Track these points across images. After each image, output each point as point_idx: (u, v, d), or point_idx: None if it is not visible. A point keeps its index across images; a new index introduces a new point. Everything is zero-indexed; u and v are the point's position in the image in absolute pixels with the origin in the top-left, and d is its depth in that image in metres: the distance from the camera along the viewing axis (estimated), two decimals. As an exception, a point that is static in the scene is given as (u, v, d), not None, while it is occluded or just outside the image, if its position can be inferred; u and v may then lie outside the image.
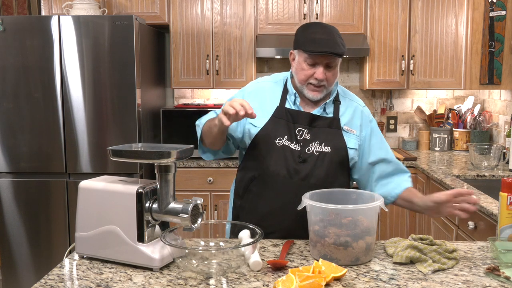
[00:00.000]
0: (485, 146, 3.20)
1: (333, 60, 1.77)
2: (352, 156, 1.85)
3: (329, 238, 1.49)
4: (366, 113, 1.92)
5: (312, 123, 1.83)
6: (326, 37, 1.76)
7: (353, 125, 1.87)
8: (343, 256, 1.49)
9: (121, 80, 3.23)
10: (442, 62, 3.65)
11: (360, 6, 3.69)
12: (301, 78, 1.81)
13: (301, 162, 1.79)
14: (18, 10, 4.37)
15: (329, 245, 1.49)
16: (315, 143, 1.81)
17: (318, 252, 1.53)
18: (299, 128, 1.82)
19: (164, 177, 1.50)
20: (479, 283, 1.37)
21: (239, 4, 3.71)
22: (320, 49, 1.73)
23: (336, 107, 1.87)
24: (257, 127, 1.84)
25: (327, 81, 1.79)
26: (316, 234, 1.53)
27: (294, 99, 1.85)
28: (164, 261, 1.48)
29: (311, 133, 1.82)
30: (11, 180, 3.34)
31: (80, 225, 1.57)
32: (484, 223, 2.34)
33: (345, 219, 1.49)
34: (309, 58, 1.77)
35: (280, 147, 1.80)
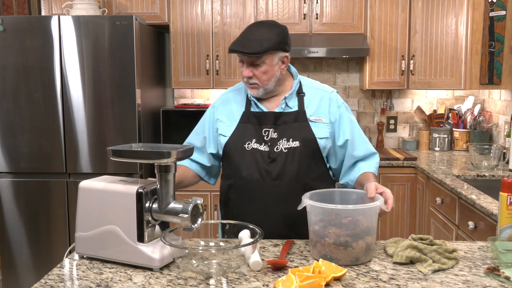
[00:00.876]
0: (485, 146, 3.20)
1: (255, 58, 1.76)
2: (323, 146, 1.84)
3: (329, 238, 1.49)
4: (334, 99, 1.90)
5: (277, 121, 1.83)
6: (244, 36, 1.78)
7: (320, 113, 1.86)
8: (343, 256, 1.49)
9: (121, 80, 3.23)
10: (442, 62, 3.65)
11: (360, 6, 3.69)
12: (242, 78, 1.85)
13: (271, 162, 1.80)
14: (18, 10, 4.37)
15: (329, 245, 1.49)
16: (283, 141, 1.81)
17: (318, 252, 1.53)
18: (265, 128, 1.82)
19: (164, 177, 1.50)
20: (479, 283, 1.37)
21: (239, 4, 3.71)
22: (234, 47, 1.76)
23: (300, 99, 1.86)
24: (226, 136, 1.86)
25: (257, 79, 1.79)
26: (316, 234, 1.53)
27: (254, 102, 1.86)
28: (164, 261, 1.48)
29: (277, 131, 1.82)
30: (11, 180, 3.34)
31: (80, 225, 1.57)
32: (484, 223, 2.34)
33: (345, 219, 1.49)
34: (238, 57, 1.81)
35: (250, 151, 1.81)
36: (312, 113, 1.85)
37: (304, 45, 3.63)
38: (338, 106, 1.89)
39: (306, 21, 3.71)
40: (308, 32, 3.73)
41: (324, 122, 1.85)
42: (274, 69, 1.80)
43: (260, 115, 1.84)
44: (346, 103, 4.25)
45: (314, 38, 3.71)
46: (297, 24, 3.72)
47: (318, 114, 1.85)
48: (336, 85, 4.14)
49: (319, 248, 1.52)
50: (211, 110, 1.96)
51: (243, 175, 1.82)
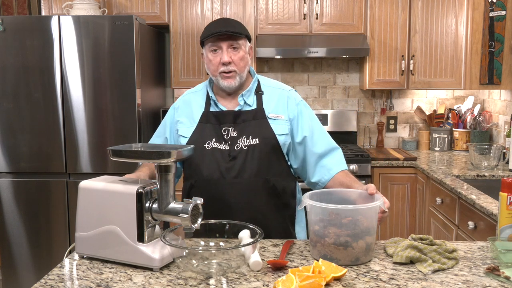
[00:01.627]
0: (485, 146, 3.20)
1: (234, 41, 1.80)
2: (283, 142, 1.85)
3: (329, 238, 1.49)
4: (293, 97, 1.92)
5: (236, 119, 1.84)
6: (220, 22, 1.84)
7: (279, 111, 1.88)
8: (343, 256, 1.49)
9: (121, 80, 3.23)
10: (442, 62, 3.65)
11: (360, 6, 3.70)
12: (212, 69, 1.85)
13: (231, 160, 1.80)
14: (18, 10, 4.37)
15: (329, 245, 1.49)
16: (242, 138, 1.82)
17: (318, 252, 1.53)
18: (225, 127, 1.84)
19: (164, 177, 1.50)
20: (479, 283, 1.37)
21: (239, 4, 3.71)
22: (215, 30, 1.79)
23: (258, 97, 1.88)
24: (186, 137, 1.87)
25: (235, 65, 1.81)
26: (316, 234, 1.53)
27: (214, 102, 1.88)
28: (164, 261, 1.48)
29: (237, 130, 1.83)
30: (11, 180, 3.34)
31: (80, 225, 1.57)
32: (484, 223, 2.34)
33: (345, 219, 1.49)
34: (212, 46, 1.82)
35: (210, 151, 1.82)
36: (271, 110, 1.87)
37: (304, 45, 3.64)
38: (296, 104, 1.91)
39: (306, 21, 3.71)
40: (308, 32, 3.73)
41: (283, 119, 1.87)
42: (247, 57, 1.87)
43: (219, 114, 1.86)
44: (346, 103, 4.29)
45: (314, 38, 3.71)
46: (297, 24, 3.72)
47: (276, 111, 1.88)
48: (336, 85, 4.14)
49: (319, 248, 1.52)
50: (172, 112, 1.98)
51: (204, 174, 1.82)
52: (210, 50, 1.83)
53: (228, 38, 1.80)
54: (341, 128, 4.02)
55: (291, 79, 4.08)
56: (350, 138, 4.05)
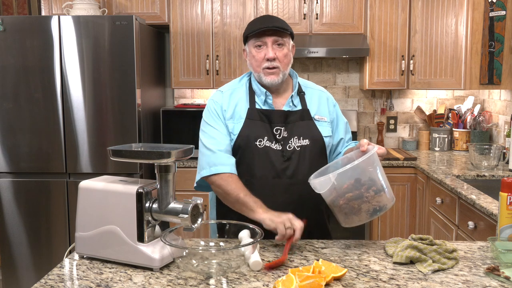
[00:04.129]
0: (485, 146, 3.20)
1: (279, 37, 1.80)
2: (328, 144, 1.88)
3: (367, 192, 1.56)
4: (330, 99, 1.97)
5: (286, 119, 1.84)
6: (266, 18, 1.83)
7: (322, 112, 1.90)
8: (388, 200, 1.59)
9: (121, 80, 3.23)
10: (442, 62, 3.65)
11: (360, 6, 3.70)
12: (255, 65, 1.83)
13: (286, 160, 1.80)
14: (18, 10, 4.37)
15: (373, 197, 1.56)
16: (294, 139, 1.82)
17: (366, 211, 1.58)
18: (276, 127, 1.82)
19: (164, 177, 1.50)
20: (479, 283, 1.37)
21: (239, 4, 3.71)
22: (261, 25, 1.78)
23: (302, 98, 1.88)
24: (235, 133, 1.82)
25: (279, 61, 1.80)
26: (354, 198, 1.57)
27: (265, 99, 1.84)
28: (164, 261, 1.48)
29: (287, 130, 1.82)
30: (11, 180, 3.34)
31: (80, 225, 1.57)
32: (484, 223, 2.34)
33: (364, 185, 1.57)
34: (256, 41, 1.80)
35: (263, 149, 1.79)
36: (315, 112, 1.89)
37: (304, 45, 3.64)
38: (334, 105, 1.96)
39: (306, 21, 3.71)
40: (308, 32, 3.73)
41: (326, 121, 1.89)
42: (291, 55, 1.85)
43: (269, 112, 1.83)
44: (346, 103, 4.29)
45: (314, 38, 3.71)
46: (297, 24, 3.72)
47: (320, 113, 1.90)
48: (336, 85, 4.14)
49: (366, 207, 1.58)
50: (217, 106, 1.85)
51: (257, 174, 1.79)
52: (254, 45, 1.81)
53: (273, 34, 1.78)
54: (341, 128, 4.02)
55: (291, 79, 4.08)
56: (350, 138, 4.05)
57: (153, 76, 3.73)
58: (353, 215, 1.60)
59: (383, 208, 1.60)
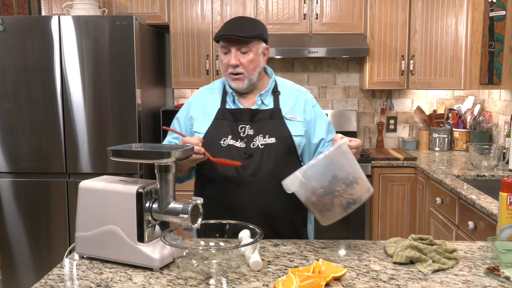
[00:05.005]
0: (485, 146, 3.20)
1: (244, 45, 1.80)
2: (298, 143, 1.87)
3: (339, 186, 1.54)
4: (309, 99, 1.96)
5: (253, 117, 1.85)
6: (235, 23, 1.83)
7: (296, 112, 1.90)
8: (362, 191, 1.56)
9: (121, 80, 3.23)
10: (442, 62, 3.65)
11: (360, 6, 3.70)
12: (222, 69, 1.87)
13: (247, 158, 1.80)
14: (18, 10, 4.37)
15: (345, 190, 1.54)
16: (259, 137, 1.83)
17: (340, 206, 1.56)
18: (241, 125, 1.84)
19: (164, 177, 1.50)
20: (479, 283, 1.37)
21: (239, 4, 3.71)
22: (224, 33, 1.79)
23: (275, 98, 1.90)
24: (201, 133, 1.86)
25: (244, 68, 1.82)
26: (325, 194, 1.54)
27: (233, 98, 1.88)
28: (164, 261, 1.48)
29: (254, 128, 1.84)
30: (11, 180, 3.34)
31: (80, 225, 1.57)
32: (484, 223, 2.34)
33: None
34: (222, 47, 1.83)
35: (226, 147, 1.82)
36: (288, 111, 1.89)
37: (304, 45, 3.63)
38: (313, 106, 1.95)
39: (306, 21, 3.71)
40: (308, 32, 3.73)
41: (299, 120, 1.89)
42: (259, 59, 1.86)
43: (236, 111, 1.87)
44: (346, 103, 4.29)
45: (314, 38, 3.71)
46: (297, 24, 3.72)
47: (293, 112, 1.90)
48: (336, 85, 4.14)
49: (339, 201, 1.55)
50: (186, 108, 1.97)
51: (219, 172, 1.82)
52: (221, 51, 1.85)
53: (236, 42, 1.80)
54: (341, 128, 4.02)
55: (291, 79, 4.05)
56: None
57: (153, 76, 3.73)
58: (327, 212, 1.58)
59: (358, 201, 1.57)
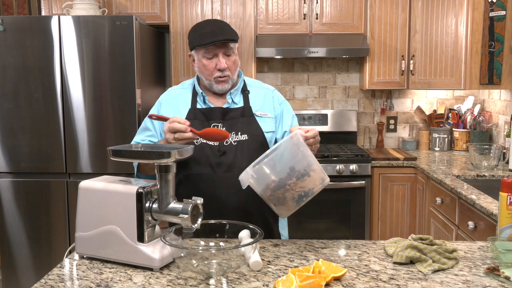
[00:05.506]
0: (485, 146, 3.20)
1: (229, 48, 1.85)
2: (270, 139, 1.91)
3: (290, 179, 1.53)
4: (277, 96, 2.01)
5: (225, 116, 1.89)
6: (213, 28, 1.85)
7: (265, 109, 1.95)
8: (314, 183, 1.55)
9: (121, 80, 3.23)
10: (442, 62, 3.65)
11: (360, 6, 3.70)
12: (206, 74, 1.89)
13: (221, 155, 1.84)
14: (18, 10, 4.37)
15: (295, 183, 1.53)
16: (232, 134, 1.86)
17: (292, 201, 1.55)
18: (214, 123, 1.87)
19: (164, 177, 1.50)
20: (479, 283, 1.37)
21: (239, 4, 3.71)
22: (212, 39, 1.81)
23: (245, 96, 1.94)
24: None
25: (229, 70, 1.87)
26: (277, 188, 1.54)
27: (203, 98, 1.91)
28: (164, 261, 1.48)
29: (226, 126, 1.87)
30: (11, 180, 3.34)
31: (80, 225, 1.57)
32: (484, 223, 2.34)
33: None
34: (206, 53, 1.85)
35: (199, 146, 1.84)
36: (258, 108, 1.94)
37: (304, 45, 3.64)
38: (279, 103, 2.00)
39: (306, 21, 3.71)
40: (308, 32, 3.73)
41: (269, 117, 1.94)
42: (238, 60, 1.92)
43: (207, 111, 1.90)
44: (346, 103, 4.29)
45: (314, 38, 3.71)
46: (297, 24, 3.72)
47: (263, 109, 1.95)
48: (336, 85, 4.14)
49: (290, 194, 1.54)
50: (157, 107, 1.99)
51: (193, 169, 1.85)
52: (204, 56, 1.86)
53: (223, 46, 1.84)
54: (341, 128, 4.02)
55: (291, 79, 4.08)
56: (350, 138, 4.05)
57: (153, 76, 3.73)
58: (281, 205, 1.58)
59: (310, 193, 1.57)
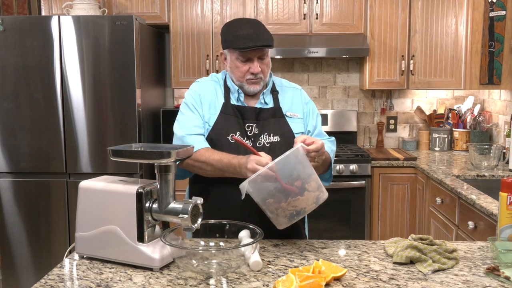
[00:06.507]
0: (485, 146, 3.20)
1: (264, 52, 1.83)
2: None
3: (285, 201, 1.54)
4: (304, 95, 2.00)
5: (258, 116, 1.87)
6: (252, 31, 1.81)
7: (294, 109, 1.94)
8: (306, 203, 1.56)
9: (121, 80, 3.23)
10: (442, 62, 3.65)
11: (360, 6, 3.70)
12: (238, 75, 1.86)
13: None
14: (18, 10, 4.37)
15: (288, 203, 1.54)
16: (264, 135, 1.85)
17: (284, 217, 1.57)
18: (248, 123, 1.86)
19: (164, 177, 1.50)
20: (479, 283, 1.37)
21: (239, 4, 3.71)
22: (249, 44, 1.78)
23: (275, 97, 1.92)
24: (210, 125, 1.86)
25: (262, 73, 1.85)
26: (271, 205, 1.56)
27: (237, 96, 1.89)
28: (164, 261, 1.48)
29: (258, 127, 1.86)
30: (11, 180, 3.34)
31: (80, 225, 1.57)
32: (484, 223, 2.34)
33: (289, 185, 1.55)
34: (241, 55, 1.82)
35: (234, 144, 1.82)
36: (287, 109, 1.92)
37: (304, 45, 3.63)
38: (306, 103, 1.98)
39: (306, 21, 3.71)
40: (308, 32, 3.73)
41: (299, 117, 1.93)
42: (270, 62, 1.90)
43: (242, 109, 1.88)
44: (346, 103, 4.29)
45: (314, 38, 3.71)
46: (297, 24, 3.72)
47: (292, 110, 1.93)
48: (336, 85, 4.14)
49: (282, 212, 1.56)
50: (196, 100, 1.89)
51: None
52: (238, 58, 1.83)
53: (259, 51, 1.81)
54: (341, 128, 4.02)
55: (291, 79, 4.07)
56: (350, 138, 4.05)
57: (153, 76, 3.73)
58: (273, 219, 1.60)
59: (301, 212, 1.58)
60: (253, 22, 1.88)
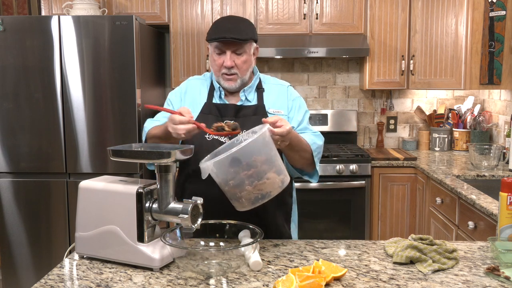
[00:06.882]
0: (485, 146, 3.20)
1: (239, 46, 1.81)
2: None
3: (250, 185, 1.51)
4: (291, 92, 1.98)
5: (238, 113, 1.87)
6: (228, 25, 1.82)
7: (278, 105, 1.92)
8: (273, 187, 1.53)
9: (121, 80, 3.23)
10: (442, 62, 3.65)
11: (360, 6, 3.70)
12: (214, 69, 1.88)
13: None
14: (18, 10, 4.37)
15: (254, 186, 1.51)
16: (242, 132, 1.82)
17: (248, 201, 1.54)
18: (226, 120, 1.85)
19: (164, 177, 1.50)
20: (479, 283, 1.37)
21: (239, 4, 3.71)
22: (219, 35, 1.79)
23: (259, 94, 1.92)
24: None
25: (238, 69, 1.84)
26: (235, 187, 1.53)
27: (219, 93, 1.90)
28: (164, 261, 1.48)
29: (238, 123, 1.82)
30: (11, 180, 3.34)
31: (80, 225, 1.57)
32: (484, 223, 2.34)
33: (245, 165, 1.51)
34: (216, 48, 1.83)
35: (210, 142, 1.83)
36: (271, 105, 1.91)
37: (304, 45, 3.63)
38: (292, 99, 1.96)
39: (306, 21, 3.71)
40: (308, 32, 3.73)
41: (283, 114, 1.90)
42: (251, 59, 1.89)
43: (222, 107, 1.89)
44: (346, 103, 4.28)
45: (314, 38, 3.71)
46: (297, 24, 3.72)
47: (276, 106, 1.92)
48: (336, 85, 4.14)
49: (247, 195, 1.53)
50: (178, 96, 1.95)
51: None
52: (214, 51, 1.85)
53: (232, 44, 1.81)
54: (341, 128, 4.02)
55: (291, 79, 4.08)
56: (350, 138, 4.05)
57: (153, 76, 3.73)
58: (235, 201, 1.57)
59: (266, 196, 1.55)
60: (238, 19, 1.89)
